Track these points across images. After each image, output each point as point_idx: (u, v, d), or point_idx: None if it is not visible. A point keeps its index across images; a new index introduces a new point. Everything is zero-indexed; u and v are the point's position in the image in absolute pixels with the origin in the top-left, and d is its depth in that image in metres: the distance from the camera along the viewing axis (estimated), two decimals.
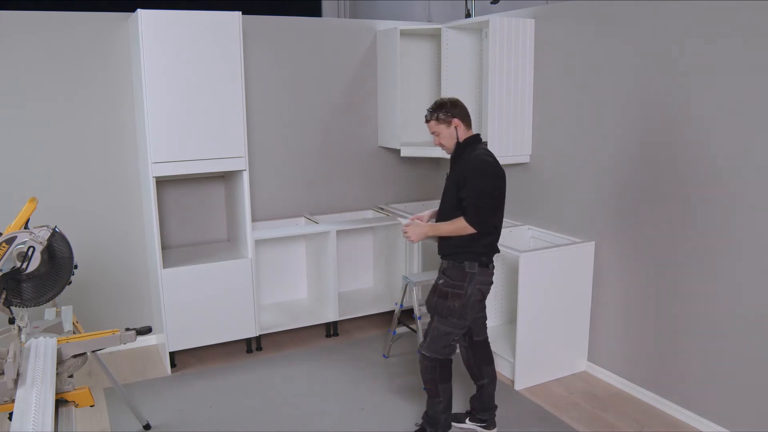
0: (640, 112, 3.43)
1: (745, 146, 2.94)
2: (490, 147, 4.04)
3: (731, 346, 3.10)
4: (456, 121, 2.96)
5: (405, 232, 3.04)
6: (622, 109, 3.53)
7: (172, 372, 4.03)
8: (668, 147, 3.30)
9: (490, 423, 3.31)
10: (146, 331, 2.82)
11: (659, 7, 3.25)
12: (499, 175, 2.92)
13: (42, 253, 2.53)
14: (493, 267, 3.05)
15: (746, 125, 2.93)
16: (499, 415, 3.44)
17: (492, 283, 3.08)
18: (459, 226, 2.89)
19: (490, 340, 4.08)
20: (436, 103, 3.01)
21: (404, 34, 4.66)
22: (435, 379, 3.10)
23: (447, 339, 3.05)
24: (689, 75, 3.15)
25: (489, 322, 4.35)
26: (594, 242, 3.80)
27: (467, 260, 2.95)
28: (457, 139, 2.98)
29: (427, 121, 3.02)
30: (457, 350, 3.25)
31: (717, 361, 3.17)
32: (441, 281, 3.03)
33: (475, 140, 2.99)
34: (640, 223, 3.50)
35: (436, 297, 3.03)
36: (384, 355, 4.21)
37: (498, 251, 3.05)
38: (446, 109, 2.97)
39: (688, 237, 3.25)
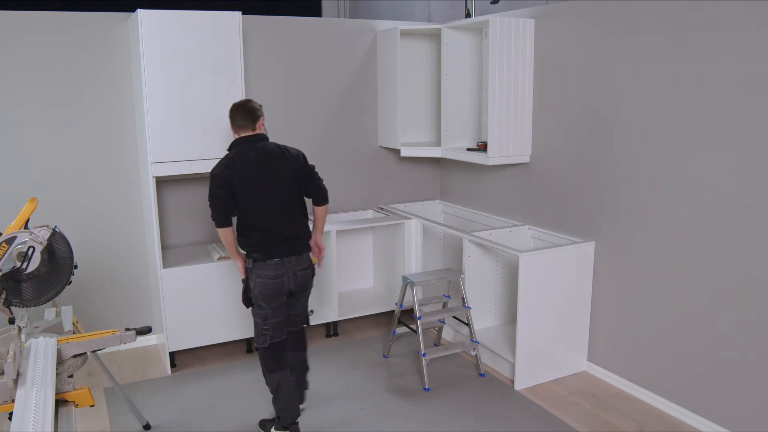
0: (640, 111, 3.43)
1: (746, 145, 2.94)
2: (489, 147, 4.06)
3: (731, 346, 3.10)
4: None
5: None
6: (622, 108, 3.52)
7: (172, 372, 4.03)
8: (668, 146, 3.30)
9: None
10: (146, 331, 2.83)
11: (659, 6, 3.25)
12: (216, 173, 3.06)
13: (42, 253, 2.53)
14: (274, 263, 3.10)
15: (750, 123, 2.93)
16: (499, 415, 3.44)
17: (277, 277, 3.11)
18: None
19: (489, 340, 4.10)
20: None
21: (404, 34, 4.66)
22: (263, 369, 3.23)
23: (257, 329, 3.19)
24: (690, 74, 3.15)
25: (489, 323, 4.36)
26: (594, 242, 3.80)
27: (247, 257, 3.16)
28: None
29: None
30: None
31: (717, 360, 3.17)
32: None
33: (231, 146, 3.17)
34: (640, 223, 3.50)
35: None
36: (384, 356, 4.21)
37: (274, 249, 3.10)
38: None
39: (688, 237, 3.25)
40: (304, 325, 3.41)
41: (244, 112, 3.12)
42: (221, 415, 3.49)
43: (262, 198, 3.09)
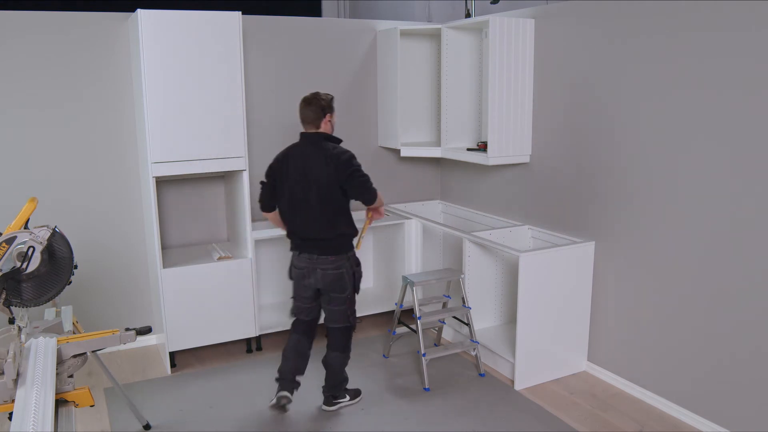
0: (640, 111, 3.43)
1: (746, 145, 2.94)
2: (489, 147, 4.08)
3: (731, 346, 3.10)
4: None
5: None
6: (622, 108, 3.52)
7: (172, 372, 4.03)
8: (668, 146, 3.30)
9: (349, 393, 3.61)
10: (146, 331, 2.83)
11: (659, 6, 3.25)
12: (270, 164, 3.37)
13: (42, 253, 2.53)
14: (299, 255, 3.34)
15: (750, 123, 2.93)
16: (499, 415, 3.44)
17: (301, 268, 3.34)
18: None
19: (489, 340, 4.10)
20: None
21: (404, 34, 4.66)
22: None
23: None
24: (690, 74, 3.15)
25: (489, 323, 4.36)
26: (594, 242, 3.80)
27: None
28: None
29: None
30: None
31: (717, 360, 3.17)
32: None
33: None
34: (640, 223, 3.50)
35: None
36: (384, 356, 4.21)
37: (301, 245, 3.32)
38: None
39: (688, 237, 3.25)
40: (343, 326, 3.46)
41: (308, 110, 3.23)
42: (221, 415, 3.49)
43: (294, 196, 3.25)
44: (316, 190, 3.19)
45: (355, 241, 3.42)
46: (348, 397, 3.58)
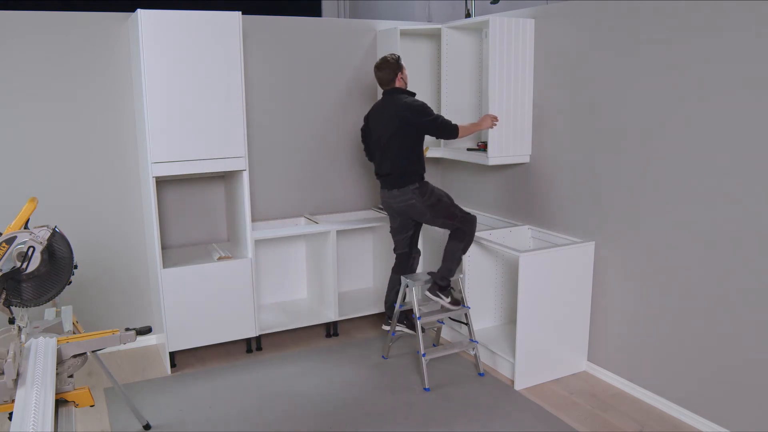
0: (640, 111, 3.43)
1: (746, 145, 2.94)
2: (489, 147, 4.09)
3: (731, 346, 3.10)
4: None
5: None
6: (622, 108, 3.53)
7: (172, 372, 4.03)
8: (669, 146, 3.30)
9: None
10: (146, 331, 2.83)
11: (659, 6, 3.25)
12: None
13: (42, 253, 2.53)
14: (382, 191, 4.03)
15: (750, 124, 2.93)
16: (499, 415, 3.44)
17: (384, 202, 4.05)
18: None
19: (489, 340, 4.10)
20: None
21: (404, 34, 4.66)
22: None
23: None
24: (691, 74, 3.15)
25: (489, 323, 4.36)
26: (594, 242, 3.80)
27: None
28: None
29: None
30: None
31: (717, 360, 3.17)
32: None
33: None
34: (640, 223, 3.50)
35: None
36: (383, 356, 4.21)
37: (381, 182, 4.01)
38: None
39: (688, 237, 3.25)
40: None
41: (382, 73, 3.88)
42: (221, 415, 3.49)
43: (373, 138, 3.98)
44: (386, 134, 3.82)
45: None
46: (449, 299, 3.90)
